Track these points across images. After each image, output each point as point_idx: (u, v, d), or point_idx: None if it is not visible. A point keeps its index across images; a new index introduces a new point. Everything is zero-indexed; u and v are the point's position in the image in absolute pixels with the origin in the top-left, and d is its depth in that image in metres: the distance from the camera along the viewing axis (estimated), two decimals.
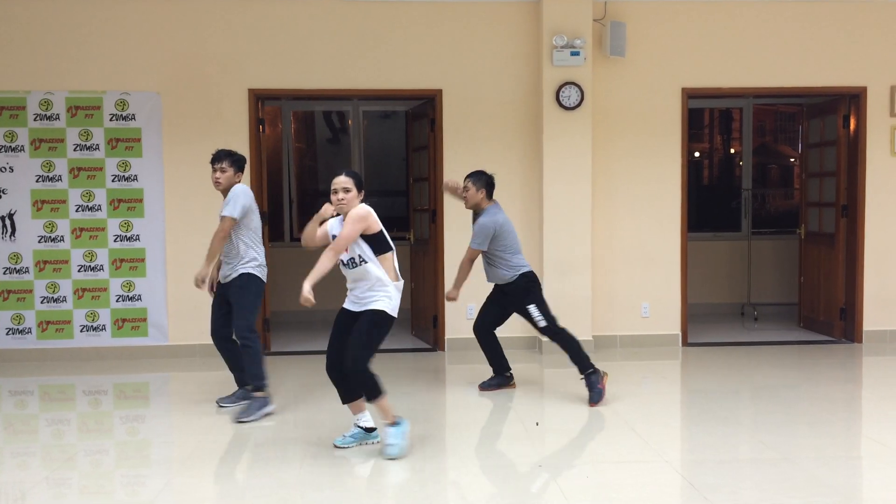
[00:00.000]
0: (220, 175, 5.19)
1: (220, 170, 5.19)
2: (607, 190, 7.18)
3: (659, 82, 7.19)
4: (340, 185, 4.30)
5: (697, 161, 11.10)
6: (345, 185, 4.29)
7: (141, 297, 6.97)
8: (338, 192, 4.29)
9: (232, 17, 6.93)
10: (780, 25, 7.23)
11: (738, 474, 4.08)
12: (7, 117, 6.81)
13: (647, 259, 7.27)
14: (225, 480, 4.16)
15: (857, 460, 4.39)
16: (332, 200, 4.34)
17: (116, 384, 6.28)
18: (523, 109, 7.12)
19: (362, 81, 7.06)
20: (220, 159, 5.21)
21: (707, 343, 7.49)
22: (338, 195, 4.30)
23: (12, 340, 6.91)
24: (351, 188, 4.30)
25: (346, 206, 4.29)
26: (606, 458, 4.36)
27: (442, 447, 4.56)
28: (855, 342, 7.41)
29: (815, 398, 5.63)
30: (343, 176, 4.33)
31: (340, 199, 4.30)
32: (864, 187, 7.31)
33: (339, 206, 4.31)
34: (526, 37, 7.09)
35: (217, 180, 5.20)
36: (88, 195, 6.89)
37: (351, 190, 4.30)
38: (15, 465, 4.42)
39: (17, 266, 6.88)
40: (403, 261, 8.75)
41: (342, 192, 4.29)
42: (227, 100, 6.95)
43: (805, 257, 8.12)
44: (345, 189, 4.29)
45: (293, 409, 5.34)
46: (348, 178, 4.32)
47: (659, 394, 5.90)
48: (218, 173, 5.19)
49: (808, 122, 8.04)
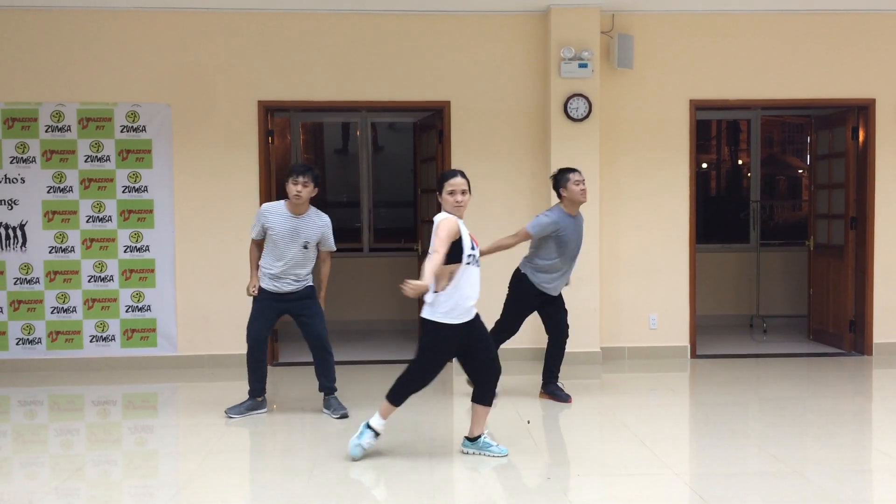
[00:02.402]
0: (302, 189, 5.22)
1: (303, 184, 5.22)
2: (615, 201, 7.18)
3: (667, 94, 7.21)
4: (460, 186, 4.28)
5: (705, 172, 11.10)
6: (463, 188, 4.29)
7: (150, 308, 7.00)
8: (456, 194, 4.27)
9: (241, 30, 6.98)
10: (787, 37, 7.23)
11: (747, 487, 4.07)
12: (19, 128, 6.87)
13: (656, 270, 7.26)
14: (233, 491, 4.16)
15: (866, 473, 4.36)
16: (447, 201, 4.29)
17: (125, 394, 6.30)
18: (531, 121, 7.14)
19: (371, 93, 7.09)
20: (304, 173, 5.24)
21: (716, 355, 7.47)
22: (456, 196, 4.27)
23: (22, 350, 6.94)
24: (467, 190, 4.31)
25: (464, 208, 4.31)
26: (615, 470, 4.35)
27: (449, 456, 4.56)
28: (865, 355, 7.37)
29: (824, 411, 5.61)
30: (460, 178, 4.31)
31: (459, 201, 4.28)
32: (873, 199, 7.30)
33: (458, 208, 4.29)
34: (534, 49, 7.12)
35: (299, 193, 5.22)
36: (99, 206, 6.94)
37: (467, 192, 4.31)
38: (24, 476, 4.44)
39: (28, 276, 6.92)
40: (411, 271, 8.81)
41: (460, 195, 4.28)
42: (236, 111, 7.00)
43: (814, 269, 8.09)
44: (463, 191, 4.29)
45: (301, 420, 5.34)
46: (465, 179, 4.33)
47: (667, 406, 5.88)
48: (300, 186, 5.21)
49: (816, 133, 8.03)
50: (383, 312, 8.86)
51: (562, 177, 5.59)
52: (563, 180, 5.57)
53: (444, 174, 4.40)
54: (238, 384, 6.44)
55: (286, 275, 5.29)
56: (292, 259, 5.27)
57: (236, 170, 7.01)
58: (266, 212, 5.33)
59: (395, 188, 10.45)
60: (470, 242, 4.32)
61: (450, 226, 4.22)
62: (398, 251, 9.24)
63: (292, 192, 5.23)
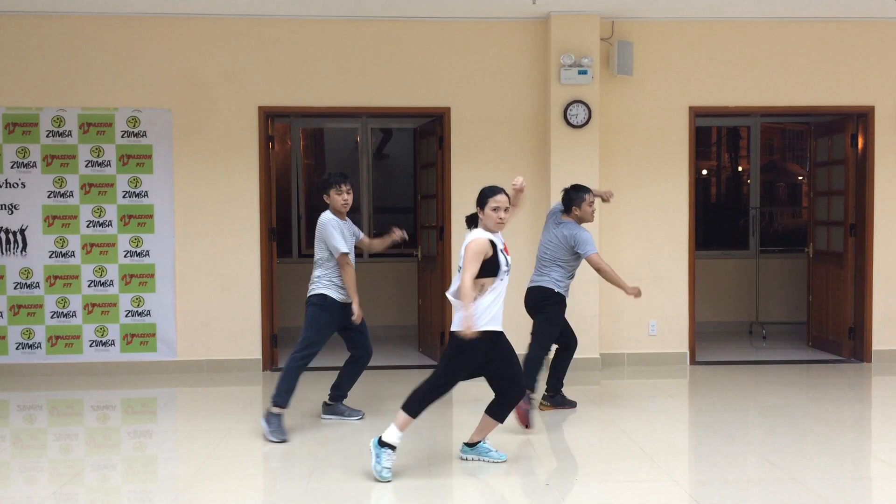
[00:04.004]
0: (348, 197, 5.23)
1: (347, 191, 5.23)
2: (614, 208, 7.19)
3: (666, 101, 7.22)
4: (504, 203, 4.29)
5: (705, 179, 11.11)
6: (507, 205, 4.31)
7: (150, 313, 7.00)
8: (500, 210, 4.28)
9: (242, 36, 7.00)
10: (787, 44, 7.26)
11: (746, 494, 4.07)
12: (20, 134, 6.89)
13: (655, 277, 7.27)
14: (231, 496, 4.16)
15: (865, 481, 4.36)
16: (489, 217, 4.29)
17: (125, 399, 6.30)
18: (531, 127, 7.16)
19: (371, 99, 7.11)
20: (346, 181, 5.24)
21: (715, 361, 7.47)
22: (500, 213, 4.28)
23: (22, 355, 6.94)
24: (510, 206, 4.34)
25: (505, 224, 4.34)
26: (614, 476, 4.35)
27: (448, 464, 4.56)
28: (864, 361, 7.38)
29: (823, 418, 5.61)
30: (504, 195, 4.31)
31: (503, 218, 4.29)
32: (872, 206, 7.31)
33: (500, 224, 4.30)
34: (534, 55, 7.14)
35: (347, 202, 5.23)
36: (99, 211, 6.95)
37: (510, 208, 4.34)
38: (23, 480, 4.44)
39: (28, 281, 6.93)
40: (411, 277, 8.82)
41: (503, 212, 4.29)
42: (237, 117, 7.01)
43: (813, 276, 8.10)
44: (506, 209, 4.30)
45: (300, 426, 5.34)
46: (507, 196, 4.34)
47: (666, 412, 5.88)
48: (345, 195, 5.22)
49: (815, 140, 8.05)
50: (383, 318, 8.86)
51: (577, 195, 5.56)
52: (577, 199, 5.55)
53: (488, 190, 4.35)
54: (238, 389, 6.45)
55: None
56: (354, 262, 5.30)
57: (237, 175, 7.02)
58: (334, 220, 5.25)
59: (396, 194, 10.45)
60: (506, 259, 4.30)
61: (479, 247, 4.19)
62: (398, 257, 9.25)
63: (339, 201, 5.22)
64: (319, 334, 5.20)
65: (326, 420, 5.45)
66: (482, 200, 4.34)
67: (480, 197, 4.36)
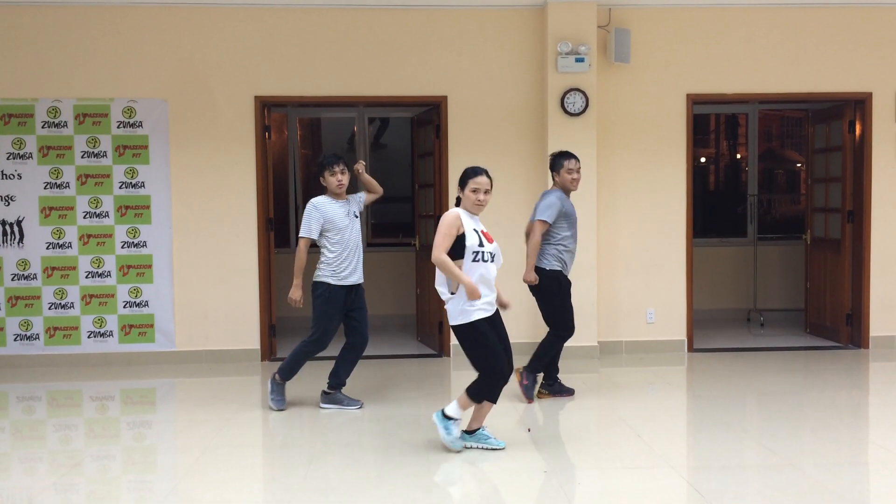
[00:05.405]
0: (342, 177, 5.23)
1: (341, 172, 5.23)
2: (612, 195, 7.19)
3: (664, 88, 7.20)
4: (484, 185, 4.30)
5: (703, 166, 11.09)
6: (487, 187, 4.31)
7: (148, 304, 7.00)
8: (479, 192, 4.29)
9: (238, 25, 6.97)
10: (785, 31, 7.23)
11: (744, 480, 4.08)
12: (15, 125, 6.86)
13: (653, 265, 7.27)
14: (231, 486, 4.17)
15: (863, 466, 4.38)
16: (468, 198, 4.30)
17: (123, 390, 6.31)
18: (528, 116, 7.14)
19: (368, 88, 7.09)
20: (338, 161, 5.23)
21: (713, 349, 7.48)
22: (479, 195, 4.29)
23: (20, 346, 6.95)
24: (490, 189, 4.34)
25: (484, 206, 4.33)
26: (612, 463, 4.36)
27: (446, 452, 4.57)
28: (861, 348, 7.39)
29: (820, 404, 5.62)
30: (485, 176, 4.32)
31: (481, 200, 4.30)
32: (869, 193, 7.31)
33: (478, 206, 4.31)
34: (531, 44, 7.11)
35: (342, 182, 5.23)
36: (96, 202, 6.93)
37: (490, 191, 4.34)
38: (22, 471, 4.44)
39: (25, 272, 6.92)
40: (409, 266, 8.81)
41: (483, 194, 4.30)
42: (233, 107, 6.99)
43: (811, 263, 8.11)
44: (486, 191, 4.30)
45: (299, 414, 5.35)
46: (489, 178, 4.34)
47: (664, 399, 5.89)
48: (339, 175, 5.22)
49: (813, 127, 8.04)
50: (381, 307, 8.86)
51: (557, 161, 5.53)
52: (557, 165, 5.53)
53: (469, 171, 4.37)
54: (237, 379, 6.46)
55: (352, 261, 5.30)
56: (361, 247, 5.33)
57: (233, 165, 7.00)
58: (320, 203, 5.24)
59: (393, 183, 10.44)
60: (478, 239, 4.28)
61: (449, 220, 4.22)
62: (396, 246, 9.25)
63: (333, 182, 5.23)
64: (329, 325, 5.30)
65: (325, 409, 5.46)
66: (463, 181, 4.37)
67: (462, 177, 4.39)
